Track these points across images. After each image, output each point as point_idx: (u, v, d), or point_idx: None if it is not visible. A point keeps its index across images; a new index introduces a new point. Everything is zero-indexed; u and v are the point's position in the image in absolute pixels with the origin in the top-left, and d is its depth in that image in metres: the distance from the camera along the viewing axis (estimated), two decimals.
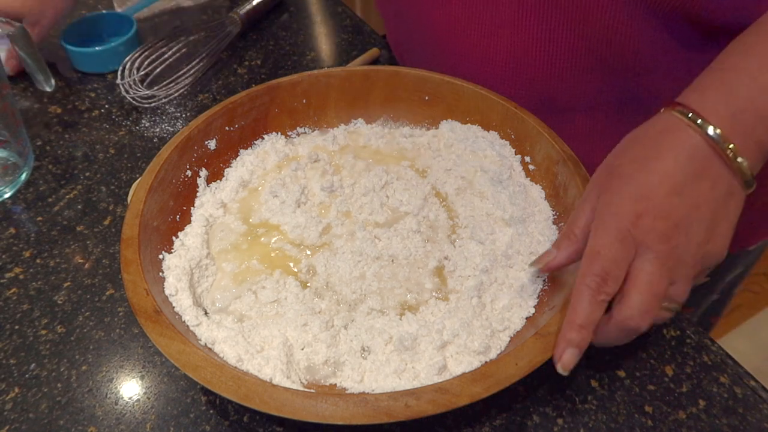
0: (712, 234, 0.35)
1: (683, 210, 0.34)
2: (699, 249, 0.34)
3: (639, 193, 0.34)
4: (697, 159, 0.34)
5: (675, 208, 0.34)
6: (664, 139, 0.35)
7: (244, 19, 0.71)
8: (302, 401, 0.32)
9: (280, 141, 0.52)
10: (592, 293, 0.34)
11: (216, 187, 0.48)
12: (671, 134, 0.35)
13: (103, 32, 0.70)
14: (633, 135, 0.37)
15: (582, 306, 0.34)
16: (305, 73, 0.52)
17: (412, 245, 0.44)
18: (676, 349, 0.41)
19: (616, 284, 0.34)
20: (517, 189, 0.47)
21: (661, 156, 0.35)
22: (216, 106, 0.49)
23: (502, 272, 0.41)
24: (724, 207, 0.35)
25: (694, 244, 0.34)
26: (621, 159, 0.37)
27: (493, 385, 0.32)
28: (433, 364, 0.36)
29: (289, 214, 0.46)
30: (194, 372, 0.33)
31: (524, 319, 0.39)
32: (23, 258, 0.49)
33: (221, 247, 0.44)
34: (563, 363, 0.34)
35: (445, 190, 0.48)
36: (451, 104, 0.52)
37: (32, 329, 0.44)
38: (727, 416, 0.38)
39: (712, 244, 0.35)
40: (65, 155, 0.58)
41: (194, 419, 0.39)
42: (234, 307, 0.41)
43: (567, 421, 0.38)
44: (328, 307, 0.41)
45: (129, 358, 0.42)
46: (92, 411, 0.39)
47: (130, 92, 0.62)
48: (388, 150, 0.52)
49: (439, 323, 0.38)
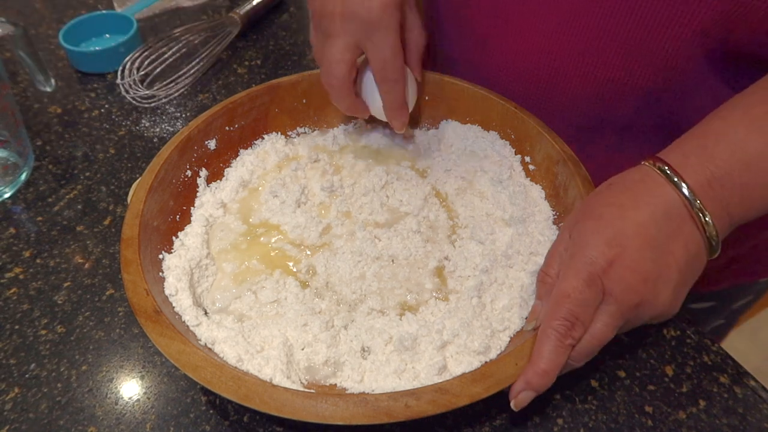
0: (675, 295, 0.34)
1: (654, 266, 0.33)
2: (661, 309, 0.34)
3: (613, 240, 0.34)
4: (672, 217, 0.34)
5: (646, 263, 0.33)
6: (641, 190, 0.35)
7: (244, 19, 0.71)
8: (302, 401, 0.32)
9: (280, 141, 0.52)
10: (559, 337, 0.33)
11: (216, 187, 0.48)
12: (649, 186, 0.35)
13: (103, 32, 0.70)
14: (611, 181, 0.37)
15: (547, 350, 0.33)
16: (305, 73, 0.52)
17: (412, 245, 0.44)
18: (676, 349, 0.41)
19: (582, 329, 0.34)
20: (517, 189, 0.47)
21: (638, 206, 0.34)
22: (216, 105, 0.49)
23: (502, 272, 0.41)
24: (691, 270, 0.35)
25: (660, 303, 0.34)
26: (598, 202, 0.36)
27: (493, 385, 0.32)
28: (433, 364, 0.36)
29: (289, 214, 0.46)
30: (194, 372, 0.33)
31: (524, 319, 0.39)
32: (23, 258, 0.49)
33: (221, 247, 0.44)
34: (517, 402, 0.34)
35: (445, 190, 0.48)
36: (451, 104, 0.52)
37: (32, 329, 0.44)
38: (727, 416, 0.38)
39: (671, 307, 0.35)
40: (65, 155, 0.58)
41: (194, 419, 0.39)
42: (234, 307, 0.41)
43: (567, 421, 0.38)
44: (328, 307, 0.41)
45: (129, 358, 0.42)
46: (92, 411, 0.39)
47: (130, 92, 0.62)
48: (388, 150, 0.52)
49: (439, 323, 0.38)
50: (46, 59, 0.69)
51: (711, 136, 0.35)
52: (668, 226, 0.34)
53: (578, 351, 0.34)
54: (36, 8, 0.78)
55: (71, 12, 0.77)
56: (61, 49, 0.67)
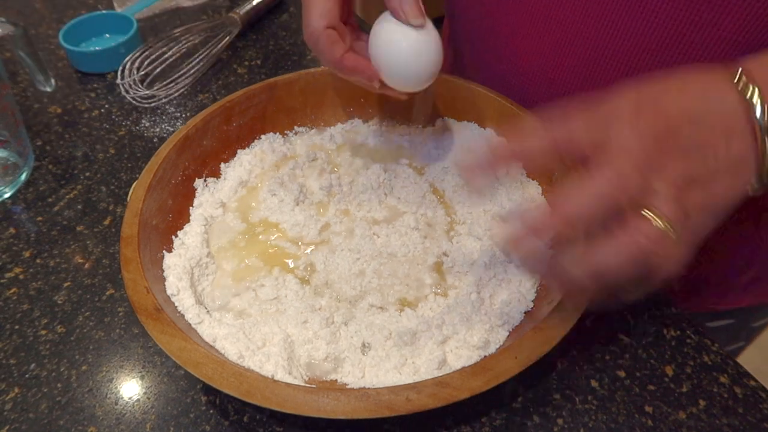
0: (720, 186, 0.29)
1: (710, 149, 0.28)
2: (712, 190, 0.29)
3: (684, 113, 0.29)
4: (727, 116, 0.29)
5: (706, 141, 0.28)
6: (709, 85, 0.30)
7: (244, 19, 0.71)
8: (304, 396, 0.32)
9: (278, 140, 0.52)
10: (608, 188, 0.27)
11: (214, 187, 0.48)
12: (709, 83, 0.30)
13: (103, 32, 0.70)
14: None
15: (583, 197, 0.27)
16: (302, 72, 0.52)
17: (411, 242, 0.44)
18: (676, 349, 0.41)
19: (637, 194, 0.27)
20: (514, 185, 0.47)
21: (708, 95, 0.29)
22: (213, 105, 0.49)
23: (501, 268, 0.41)
24: (733, 174, 0.29)
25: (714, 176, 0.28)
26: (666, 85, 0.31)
27: (493, 378, 0.32)
28: (433, 359, 0.36)
29: (287, 213, 0.46)
30: (196, 369, 0.33)
31: (523, 313, 0.39)
32: (23, 258, 0.49)
33: (220, 245, 0.44)
34: (513, 245, 0.29)
35: (443, 187, 0.48)
36: (447, 102, 0.52)
37: (32, 329, 0.44)
38: (727, 416, 0.38)
39: (719, 197, 0.29)
40: (65, 155, 0.58)
41: (194, 419, 0.39)
42: (234, 304, 0.41)
43: (567, 421, 0.38)
44: (328, 304, 0.41)
45: (129, 358, 0.42)
46: (92, 411, 0.39)
47: (130, 92, 0.62)
48: (385, 148, 0.52)
49: (439, 318, 0.39)
50: (46, 59, 0.69)
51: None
52: (720, 122, 0.29)
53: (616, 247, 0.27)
54: (36, 8, 0.78)
55: (71, 12, 0.77)
56: (61, 49, 0.67)
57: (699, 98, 0.29)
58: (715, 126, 0.29)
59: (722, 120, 0.29)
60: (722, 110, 0.29)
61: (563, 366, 0.40)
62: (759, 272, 0.52)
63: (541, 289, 0.41)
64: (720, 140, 0.29)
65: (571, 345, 0.41)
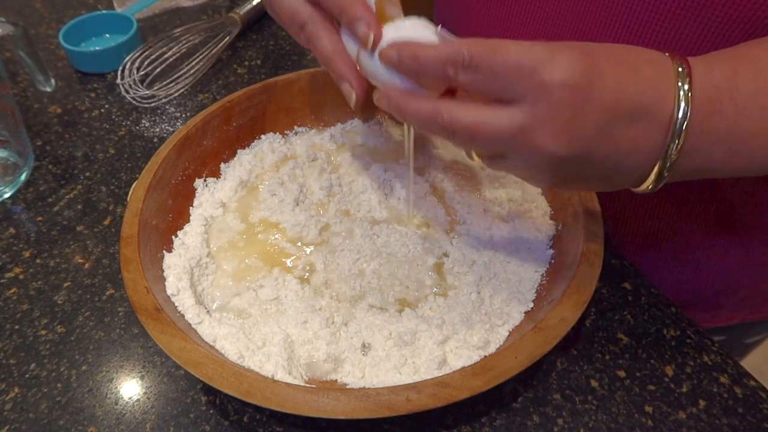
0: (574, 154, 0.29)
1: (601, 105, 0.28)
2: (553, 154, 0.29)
3: (615, 107, 0.28)
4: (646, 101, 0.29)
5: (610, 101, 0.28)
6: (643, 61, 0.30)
7: (244, 19, 0.71)
8: (304, 396, 0.32)
9: (278, 140, 0.52)
10: (449, 59, 0.29)
11: (214, 187, 0.48)
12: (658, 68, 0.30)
13: (103, 32, 0.70)
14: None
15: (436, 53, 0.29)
16: (302, 72, 0.52)
17: (411, 242, 0.44)
18: (676, 349, 0.41)
19: (493, 142, 0.29)
20: (513, 185, 0.47)
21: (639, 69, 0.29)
22: (213, 105, 0.49)
23: (501, 267, 0.42)
24: (630, 153, 0.30)
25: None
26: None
27: (493, 378, 0.32)
28: (433, 359, 0.36)
29: (288, 213, 0.46)
30: (196, 369, 0.33)
31: (523, 313, 0.39)
32: (23, 258, 0.49)
33: (220, 245, 0.44)
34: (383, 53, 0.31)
35: (443, 187, 0.48)
36: None
37: (32, 329, 0.44)
38: (727, 416, 0.38)
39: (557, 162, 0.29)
40: (65, 155, 0.58)
41: (194, 419, 0.39)
42: (234, 304, 0.41)
43: (567, 421, 0.38)
44: (328, 304, 0.41)
45: (129, 358, 0.42)
46: (92, 411, 0.39)
47: (130, 92, 0.62)
48: (385, 148, 0.52)
49: (439, 318, 0.39)
50: (46, 59, 0.69)
51: (743, 61, 0.31)
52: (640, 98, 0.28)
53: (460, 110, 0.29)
54: (36, 8, 0.78)
55: (71, 12, 0.77)
56: (61, 49, 0.67)
57: (647, 89, 0.29)
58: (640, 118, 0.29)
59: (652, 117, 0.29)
60: (660, 108, 0.29)
61: (563, 366, 0.40)
62: (748, 293, 0.53)
63: (541, 289, 0.41)
64: (628, 131, 0.29)
65: (571, 345, 0.41)
